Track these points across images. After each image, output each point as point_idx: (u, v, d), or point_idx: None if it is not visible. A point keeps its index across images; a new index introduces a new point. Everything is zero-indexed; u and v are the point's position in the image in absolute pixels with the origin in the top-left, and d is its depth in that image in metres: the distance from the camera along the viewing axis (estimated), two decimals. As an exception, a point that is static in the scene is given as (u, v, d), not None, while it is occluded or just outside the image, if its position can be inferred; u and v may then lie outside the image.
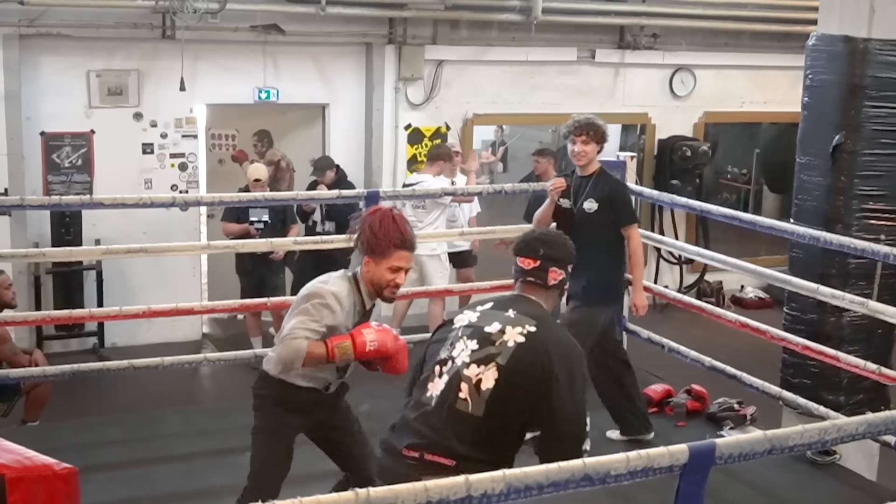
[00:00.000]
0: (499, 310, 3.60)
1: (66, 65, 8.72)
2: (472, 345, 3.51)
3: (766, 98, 11.38)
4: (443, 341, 3.62)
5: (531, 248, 3.71)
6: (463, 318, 3.65)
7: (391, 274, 4.16)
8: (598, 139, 6.10)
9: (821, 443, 3.27)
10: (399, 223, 4.16)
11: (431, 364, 3.59)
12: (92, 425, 6.79)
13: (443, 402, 3.46)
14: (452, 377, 3.48)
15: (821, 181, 6.32)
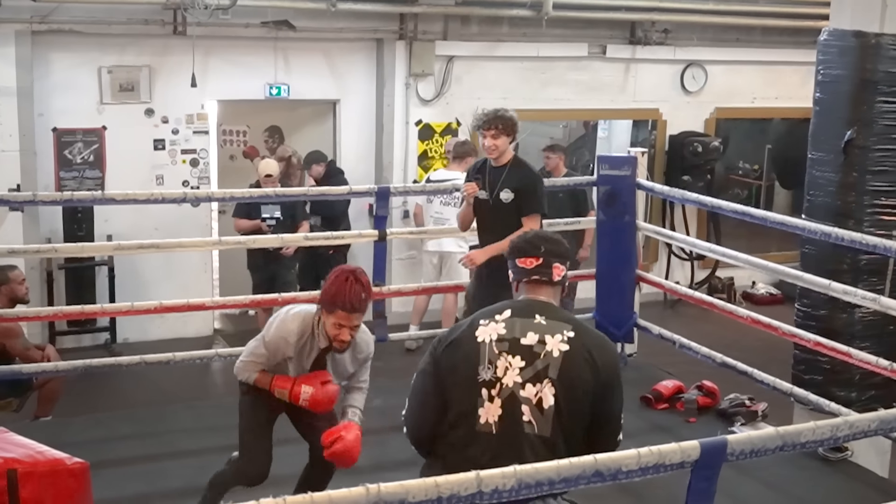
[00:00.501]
0: (524, 317, 3.45)
1: (77, 61, 8.74)
2: (517, 362, 3.35)
3: (778, 93, 11.34)
4: (469, 358, 3.39)
5: (533, 245, 3.61)
6: (485, 331, 3.42)
7: (335, 329, 4.47)
8: (508, 131, 6.00)
9: (833, 439, 3.26)
10: (350, 285, 4.40)
11: (469, 388, 3.36)
12: (103, 420, 6.81)
13: (508, 428, 3.31)
14: (508, 400, 3.32)
15: (832, 177, 6.31)
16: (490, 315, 3.48)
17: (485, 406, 3.33)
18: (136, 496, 5.43)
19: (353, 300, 4.38)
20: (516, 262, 3.61)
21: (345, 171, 9.51)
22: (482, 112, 6.10)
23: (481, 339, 3.41)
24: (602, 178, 7.39)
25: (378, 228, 6.94)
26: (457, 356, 3.43)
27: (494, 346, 3.38)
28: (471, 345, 3.41)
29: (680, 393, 6.88)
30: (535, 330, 3.40)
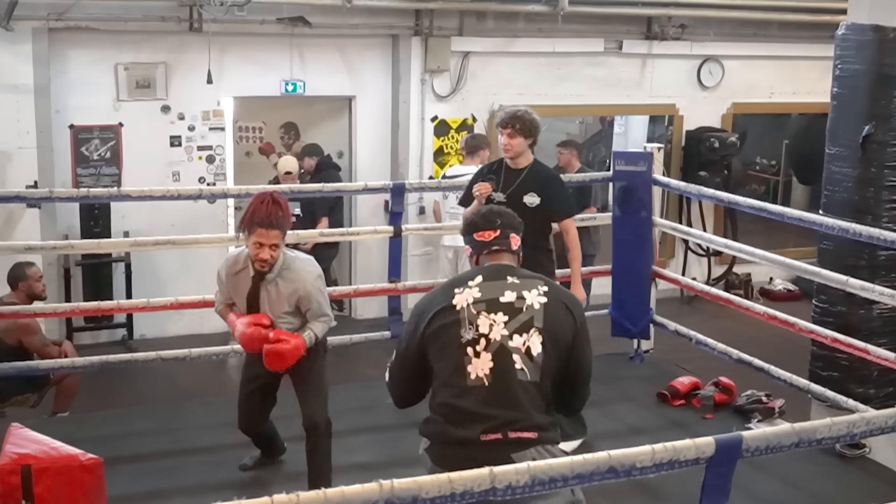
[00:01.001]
0: (496, 280, 3.66)
1: (94, 58, 8.76)
2: (500, 318, 3.55)
3: (795, 88, 11.29)
4: (451, 325, 3.56)
5: (489, 220, 3.83)
6: (461, 297, 3.60)
7: (255, 249, 4.84)
8: (525, 132, 5.84)
9: (849, 436, 3.24)
10: (266, 205, 4.82)
11: (454, 350, 3.54)
12: (120, 416, 6.84)
13: (501, 377, 3.49)
14: (498, 352, 3.50)
15: (850, 172, 6.27)
16: (463, 283, 3.68)
17: (472, 363, 3.51)
18: (152, 492, 5.45)
19: (268, 215, 4.78)
20: (474, 237, 3.83)
21: (361, 167, 9.56)
22: (504, 109, 6.06)
23: (459, 305, 3.59)
24: (618, 174, 7.38)
25: (393, 225, 6.94)
26: (438, 324, 3.59)
27: (472, 307, 3.58)
28: (450, 312, 3.59)
29: (696, 389, 6.86)
30: (510, 289, 3.63)
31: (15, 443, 2.56)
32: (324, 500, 2.51)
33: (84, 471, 2.51)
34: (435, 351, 3.60)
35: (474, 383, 3.50)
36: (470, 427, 3.49)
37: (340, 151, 10.03)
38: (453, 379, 3.54)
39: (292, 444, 5.51)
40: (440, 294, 3.69)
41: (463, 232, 3.95)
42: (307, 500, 2.50)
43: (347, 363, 8.60)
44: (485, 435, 3.45)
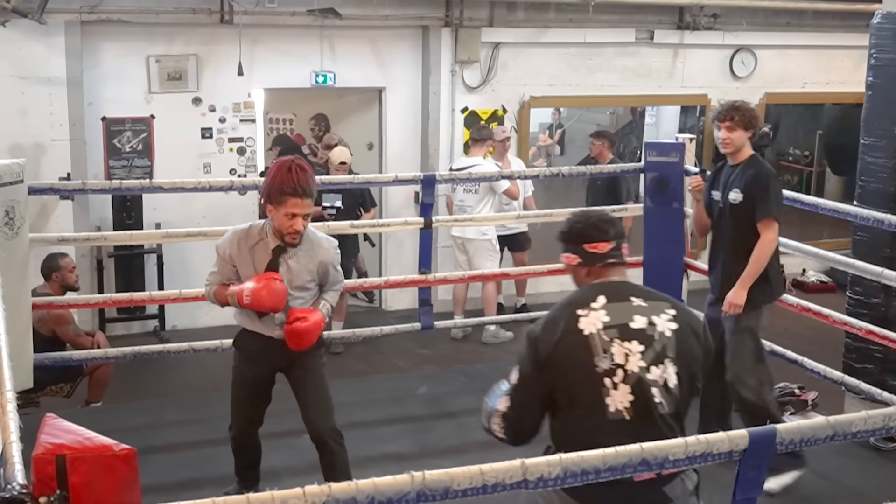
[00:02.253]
0: (620, 301, 3.39)
1: (126, 50, 8.81)
2: (635, 347, 3.30)
3: (829, 78, 11.18)
4: (581, 352, 3.29)
5: (601, 230, 3.53)
6: (588, 322, 3.33)
7: (287, 220, 4.56)
8: (745, 124, 5.46)
9: (885, 429, 3.21)
10: (294, 172, 4.51)
11: (590, 380, 3.28)
12: (152, 407, 6.89)
13: (643, 412, 3.26)
14: (636, 385, 3.27)
15: (886, 162, 6.21)
16: (584, 304, 3.38)
17: (611, 395, 3.26)
18: (184, 482, 5.49)
19: (302, 183, 4.51)
20: (585, 248, 3.51)
21: (391, 158, 9.58)
22: (719, 101, 5.71)
23: (587, 331, 3.31)
24: (650, 165, 7.33)
25: (424, 216, 6.93)
26: (567, 351, 3.31)
27: (603, 334, 3.31)
28: (578, 337, 3.31)
29: (728, 381, 6.80)
30: (638, 313, 3.37)
31: (49, 433, 2.57)
32: (355, 492, 2.51)
33: (119, 460, 2.51)
34: (563, 381, 3.32)
35: (614, 416, 3.25)
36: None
37: (371, 143, 10.04)
38: (590, 412, 3.29)
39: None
40: (560, 316, 3.38)
41: (567, 239, 3.59)
42: (339, 491, 2.50)
43: (378, 354, 8.63)
44: (637, 476, 3.09)
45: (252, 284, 4.61)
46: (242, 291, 4.62)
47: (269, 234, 4.70)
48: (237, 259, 4.76)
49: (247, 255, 4.73)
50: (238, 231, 4.82)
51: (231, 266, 4.79)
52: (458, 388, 7.16)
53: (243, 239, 4.75)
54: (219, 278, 4.87)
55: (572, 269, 3.58)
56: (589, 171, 7.94)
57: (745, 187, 5.46)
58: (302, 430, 4.99)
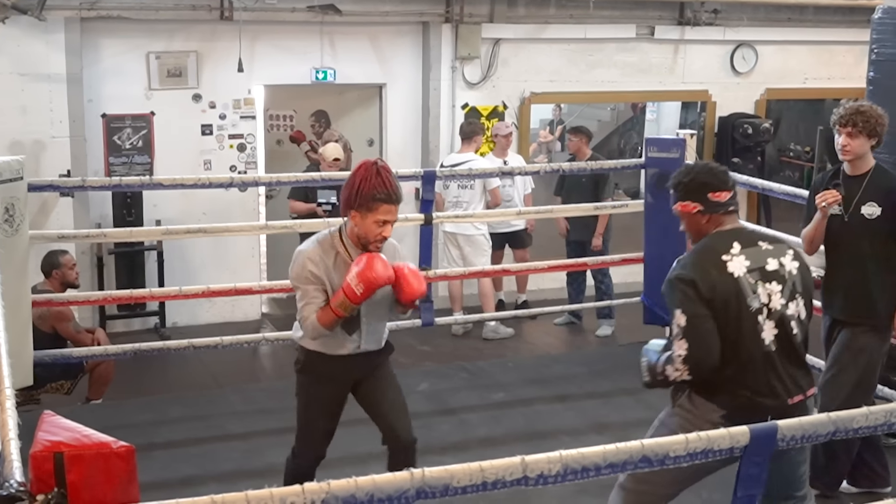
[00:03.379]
0: (752, 246, 3.80)
1: (126, 47, 8.80)
2: (775, 287, 3.74)
3: (831, 74, 11.15)
4: (736, 295, 3.69)
5: (723, 180, 3.90)
6: (734, 266, 3.72)
7: (377, 227, 4.24)
8: (869, 131, 5.02)
9: (887, 425, 3.19)
10: (383, 176, 4.21)
11: (747, 318, 3.69)
12: (153, 404, 6.89)
13: (785, 343, 3.74)
14: (779, 321, 3.73)
15: (887, 158, 6.16)
16: (725, 250, 3.76)
17: (764, 330, 3.70)
18: (186, 479, 5.49)
19: (394, 188, 4.24)
20: (709, 197, 3.85)
21: (392, 155, 9.55)
22: (841, 105, 5.16)
23: (736, 273, 3.72)
24: (650, 161, 7.33)
25: (424, 212, 6.93)
26: (725, 292, 3.69)
27: (749, 277, 3.72)
28: (731, 280, 3.71)
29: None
30: (770, 256, 3.81)
31: (47, 430, 2.56)
32: (355, 489, 2.50)
33: (117, 458, 2.50)
34: (724, 320, 3.68)
35: (766, 349, 3.70)
36: (778, 396, 3.71)
37: (371, 139, 10.03)
38: (746, 347, 3.69)
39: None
40: (707, 261, 3.76)
41: (689, 189, 3.90)
42: (338, 489, 2.49)
43: (379, 351, 8.61)
44: (791, 399, 3.72)
45: (354, 269, 4.21)
46: (349, 285, 4.20)
47: (345, 244, 4.37)
48: (328, 278, 4.34)
49: (333, 273, 4.35)
50: (313, 250, 4.35)
51: (323, 289, 4.33)
52: (459, 385, 7.16)
53: (322, 258, 4.35)
54: (319, 301, 4.34)
55: (689, 217, 3.92)
56: (590, 166, 7.92)
57: (883, 200, 5.03)
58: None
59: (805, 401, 3.78)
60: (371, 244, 4.29)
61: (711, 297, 3.67)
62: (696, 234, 3.96)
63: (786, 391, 3.73)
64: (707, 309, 3.66)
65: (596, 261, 8.36)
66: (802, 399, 3.76)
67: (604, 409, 6.68)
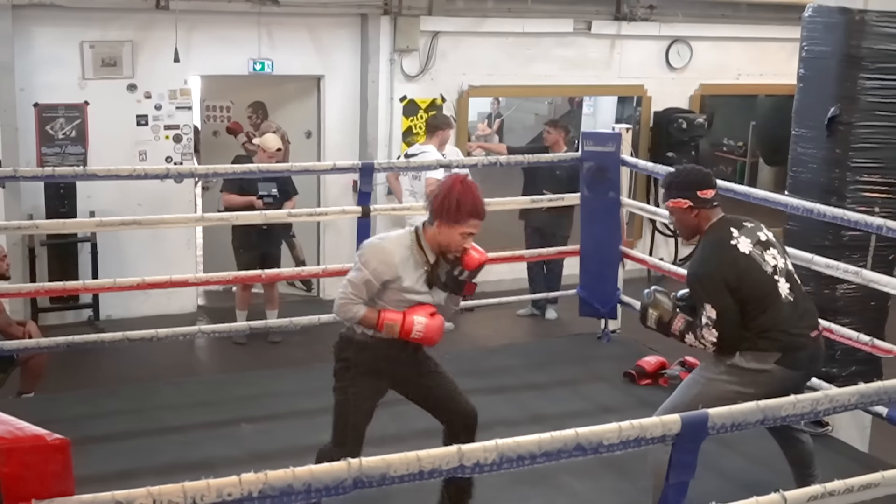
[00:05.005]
0: (742, 228, 4.50)
1: (59, 36, 8.67)
2: (773, 251, 4.49)
3: (763, 70, 11.35)
4: (755, 265, 4.40)
5: (710, 179, 4.58)
6: (743, 245, 4.42)
7: (462, 239, 4.37)
8: None
9: (813, 413, 3.28)
10: (476, 193, 4.37)
11: (764, 280, 4.39)
12: (88, 397, 6.79)
13: (797, 291, 4.48)
14: (787, 275, 4.48)
15: (816, 153, 6.33)
16: (730, 236, 4.44)
17: (779, 286, 4.41)
18: (121, 472, 5.41)
19: (483, 205, 4.39)
20: (697, 193, 4.50)
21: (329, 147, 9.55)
22: None
23: (746, 250, 4.41)
24: (587, 155, 7.38)
25: (362, 205, 6.92)
26: (746, 268, 4.38)
27: (755, 250, 4.43)
28: (745, 257, 4.39)
29: (663, 369, 6.90)
30: (758, 230, 4.54)
31: (-21, 424, 2.54)
32: (292, 479, 2.51)
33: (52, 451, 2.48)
34: (751, 289, 4.36)
35: (786, 300, 4.40)
36: (803, 334, 4.42)
37: (309, 131, 10.00)
38: (774, 302, 4.38)
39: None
40: (723, 250, 4.41)
41: (680, 187, 4.55)
42: (275, 479, 2.50)
43: (319, 343, 8.54)
44: (812, 332, 4.47)
45: (424, 319, 4.37)
46: (412, 324, 4.34)
47: (423, 248, 4.41)
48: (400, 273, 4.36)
49: (405, 272, 4.38)
50: (392, 253, 4.37)
51: (377, 287, 4.35)
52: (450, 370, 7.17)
53: (401, 256, 4.37)
54: (361, 300, 4.37)
55: (680, 213, 4.56)
56: (526, 159, 7.97)
57: None
58: (239, 419, 4.95)
59: (819, 335, 4.53)
60: (451, 253, 4.42)
61: (737, 284, 4.33)
62: (686, 228, 4.62)
63: (808, 328, 4.46)
64: (732, 293, 4.32)
65: (532, 254, 8.41)
66: (818, 333, 4.51)
67: (540, 401, 6.73)
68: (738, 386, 4.35)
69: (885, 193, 6.23)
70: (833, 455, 5.85)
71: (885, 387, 3.34)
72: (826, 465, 5.70)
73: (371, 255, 4.38)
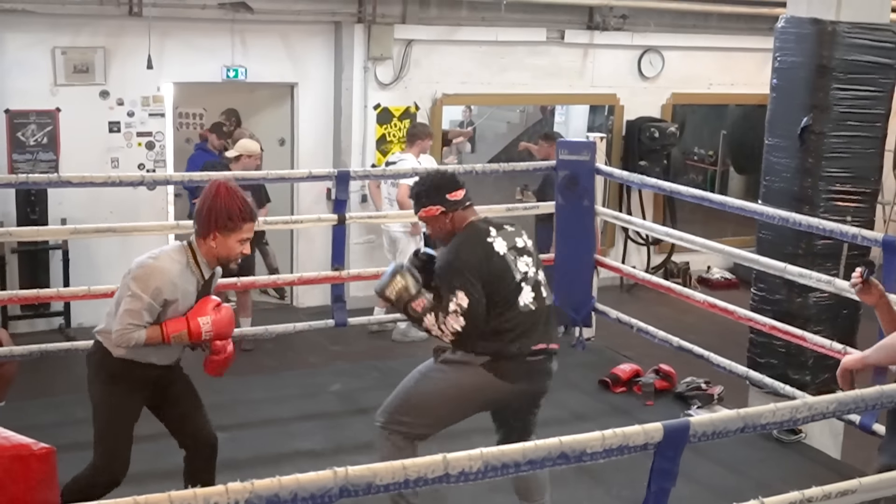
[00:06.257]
0: (502, 230, 4.49)
1: (31, 41, 8.60)
2: (528, 259, 4.49)
3: (734, 80, 11.45)
4: (506, 269, 4.39)
5: (456, 181, 4.54)
6: (499, 246, 4.41)
7: (239, 245, 4.33)
8: None
9: (792, 421, 3.31)
10: (241, 196, 4.33)
11: (509, 284, 4.38)
12: (59, 404, 6.74)
13: (540, 304, 4.45)
14: (534, 285, 4.46)
15: (789, 162, 6.40)
16: (487, 234, 4.44)
17: (522, 293, 4.40)
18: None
19: (251, 208, 4.37)
20: (447, 196, 4.46)
21: (303, 154, 9.55)
22: None
23: (501, 252, 4.41)
24: (561, 163, 7.42)
25: (337, 212, 6.91)
26: (496, 264, 4.37)
27: (509, 254, 4.43)
28: (499, 258, 4.39)
29: (637, 376, 6.94)
30: (516, 236, 4.52)
31: (-36, 433, 2.52)
32: (278, 488, 2.51)
33: (37, 459, 2.47)
34: (496, 291, 4.34)
35: (524, 309, 4.38)
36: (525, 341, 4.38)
37: (282, 139, 9.97)
38: (511, 308, 4.36)
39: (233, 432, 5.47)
40: (476, 245, 4.40)
41: (428, 195, 4.50)
42: (261, 488, 2.49)
43: (291, 351, 8.60)
44: (536, 346, 4.40)
45: (210, 317, 4.29)
46: (199, 326, 4.27)
47: (199, 263, 4.35)
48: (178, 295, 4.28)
49: (185, 289, 4.31)
50: (169, 268, 4.26)
51: (158, 309, 4.24)
52: (371, 384, 7.15)
53: (179, 278, 4.28)
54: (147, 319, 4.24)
55: (434, 220, 4.50)
56: (502, 168, 7.99)
57: None
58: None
59: (547, 352, 4.46)
60: (232, 262, 4.41)
61: (488, 279, 4.32)
62: (442, 234, 4.53)
63: (536, 341, 4.40)
64: (482, 285, 4.30)
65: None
66: (544, 350, 4.43)
67: (514, 408, 6.76)
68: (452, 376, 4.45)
69: (856, 203, 6.32)
70: (807, 462, 5.92)
71: (863, 395, 3.38)
72: (800, 471, 5.78)
73: (147, 277, 4.21)
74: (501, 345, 4.35)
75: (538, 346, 4.40)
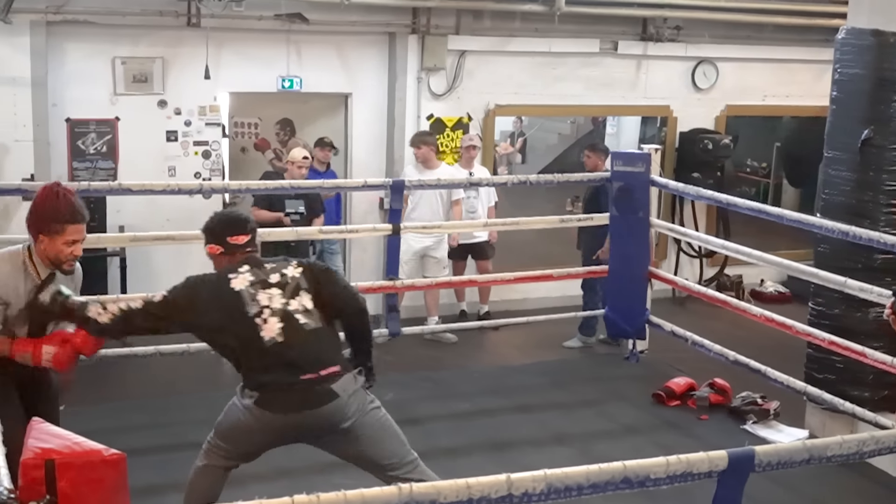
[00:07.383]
0: (259, 269, 4.46)
1: (91, 52, 8.74)
2: (274, 292, 4.39)
3: (789, 91, 11.32)
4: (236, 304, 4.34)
5: (240, 226, 4.60)
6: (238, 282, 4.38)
7: (69, 247, 4.40)
8: None
9: (859, 454, 3.27)
10: (67, 198, 4.38)
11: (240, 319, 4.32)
12: (114, 410, 6.84)
13: (292, 331, 4.33)
14: (284, 316, 4.35)
15: (848, 176, 6.32)
16: (234, 270, 4.43)
17: (267, 325, 4.31)
18: (146, 486, 5.43)
19: (81, 209, 4.41)
20: (227, 239, 4.54)
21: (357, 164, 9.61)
22: None
23: (237, 288, 4.37)
24: (616, 175, 7.42)
25: (392, 222, 6.95)
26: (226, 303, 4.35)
27: (250, 289, 4.37)
28: (231, 293, 4.35)
29: (692, 390, 6.91)
30: (272, 273, 4.46)
31: (37, 437, 2.56)
32: (344, 502, 2.53)
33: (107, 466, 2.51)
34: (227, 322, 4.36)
35: (269, 342, 4.29)
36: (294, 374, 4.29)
37: (336, 149, 10.03)
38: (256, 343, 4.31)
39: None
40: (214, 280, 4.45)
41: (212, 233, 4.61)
42: (328, 502, 2.51)
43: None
44: (304, 375, 4.29)
45: (53, 349, 4.44)
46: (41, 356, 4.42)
47: (35, 263, 4.43)
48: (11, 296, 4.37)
49: (18, 290, 4.40)
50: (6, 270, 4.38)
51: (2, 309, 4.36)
52: (423, 395, 7.20)
53: (6, 273, 4.38)
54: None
55: (215, 258, 4.60)
56: (556, 179, 8.00)
57: None
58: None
59: (321, 377, 4.31)
60: (64, 264, 4.44)
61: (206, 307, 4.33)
62: None
63: (300, 370, 4.29)
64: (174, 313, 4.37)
65: (561, 273, 8.40)
66: (316, 377, 4.30)
67: (564, 420, 6.74)
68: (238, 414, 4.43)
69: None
70: (865, 481, 5.84)
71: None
72: (859, 491, 5.71)
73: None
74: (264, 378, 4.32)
75: (306, 376, 4.31)
